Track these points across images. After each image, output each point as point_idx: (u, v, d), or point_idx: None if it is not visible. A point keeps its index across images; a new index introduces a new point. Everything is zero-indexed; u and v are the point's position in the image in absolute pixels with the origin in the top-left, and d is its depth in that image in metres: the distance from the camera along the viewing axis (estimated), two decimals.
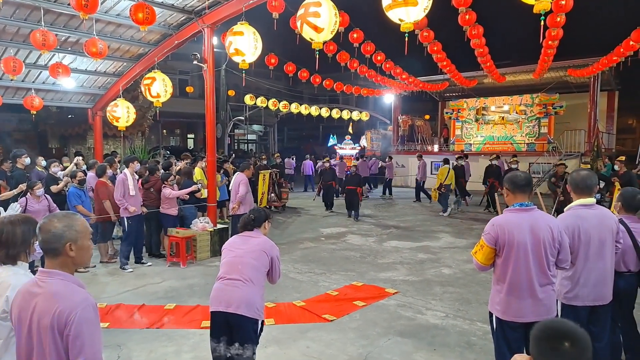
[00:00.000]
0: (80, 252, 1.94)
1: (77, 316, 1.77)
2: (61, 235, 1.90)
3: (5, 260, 2.36)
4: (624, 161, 9.90)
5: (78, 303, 1.81)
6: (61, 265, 1.92)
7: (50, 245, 1.90)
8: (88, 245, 2.00)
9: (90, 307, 1.84)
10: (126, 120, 9.78)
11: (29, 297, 1.90)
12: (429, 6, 5.38)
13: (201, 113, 24.22)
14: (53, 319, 1.78)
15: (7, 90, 10.70)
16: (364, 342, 4.82)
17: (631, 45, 10.45)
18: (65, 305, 1.79)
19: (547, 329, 1.65)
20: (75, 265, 1.97)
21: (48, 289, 1.86)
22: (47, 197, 7.32)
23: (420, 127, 24.80)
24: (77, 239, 1.93)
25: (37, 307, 1.85)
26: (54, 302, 1.80)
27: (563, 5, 6.91)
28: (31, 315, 1.86)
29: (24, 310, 1.89)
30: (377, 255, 8.59)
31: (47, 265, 1.92)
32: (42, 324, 1.81)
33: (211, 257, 8.34)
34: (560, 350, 1.56)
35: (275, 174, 13.83)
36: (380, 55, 11.84)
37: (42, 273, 1.92)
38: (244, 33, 7.19)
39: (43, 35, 7.13)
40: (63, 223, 1.93)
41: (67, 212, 2.08)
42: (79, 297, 1.84)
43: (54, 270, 1.91)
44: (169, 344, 4.83)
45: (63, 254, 1.91)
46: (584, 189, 3.32)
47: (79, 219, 2.00)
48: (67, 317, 1.77)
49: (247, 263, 3.44)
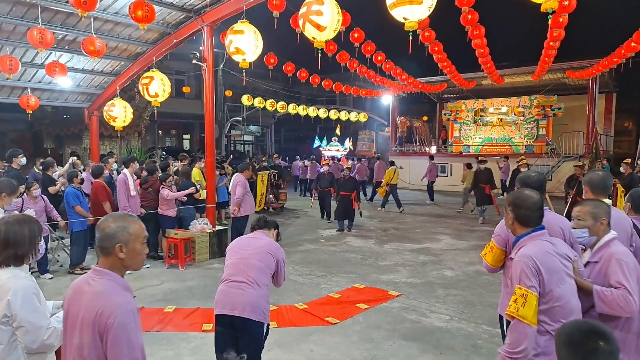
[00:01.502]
0: (130, 255, 1.94)
1: (116, 321, 1.79)
2: (113, 236, 1.92)
3: (14, 261, 2.31)
4: (630, 163, 9.84)
5: (118, 306, 1.83)
6: (111, 265, 1.94)
7: (103, 244, 1.94)
8: (140, 249, 1.99)
9: (130, 312, 1.85)
10: (123, 120, 9.66)
11: (78, 292, 1.95)
12: (433, 5, 5.32)
13: (197, 114, 24.08)
14: (95, 318, 1.82)
15: (2, 89, 10.58)
16: (368, 345, 4.73)
17: (633, 46, 10.44)
18: (106, 307, 1.82)
19: (579, 331, 1.57)
20: (125, 268, 1.98)
21: (95, 287, 1.90)
22: (44, 198, 7.21)
23: (419, 128, 24.77)
24: (128, 242, 1.94)
25: (83, 303, 1.89)
26: (97, 302, 1.84)
27: (566, 5, 6.86)
28: (78, 310, 1.90)
29: (73, 305, 1.95)
30: (378, 257, 8.51)
31: (100, 264, 1.96)
32: (85, 321, 1.85)
33: (210, 259, 8.23)
34: (601, 349, 1.49)
35: (273, 175, 13.74)
36: (380, 56, 11.78)
37: (94, 271, 1.95)
38: (244, 32, 7.10)
39: (40, 33, 7.02)
40: (117, 224, 1.94)
41: (125, 214, 2.09)
42: (121, 300, 1.86)
43: (105, 269, 1.93)
44: (169, 348, 4.72)
45: (113, 254, 1.93)
46: (602, 189, 3.25)
47: (135, 222, 2.00)
48: (107, 319, 1.80)
49: (252, 265, 3.36)
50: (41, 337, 2.23)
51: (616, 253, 2.52)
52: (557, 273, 2.32)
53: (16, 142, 16.14)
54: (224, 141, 24.22)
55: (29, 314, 2.21)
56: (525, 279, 2.28)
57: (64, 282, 6.95)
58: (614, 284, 2.44)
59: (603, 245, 2.61)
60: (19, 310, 2.19)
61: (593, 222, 2.62)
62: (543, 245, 2.39)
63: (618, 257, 2.49)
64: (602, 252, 2.59)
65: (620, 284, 2.41)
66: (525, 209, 2.47)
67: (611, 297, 2.40)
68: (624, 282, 2.40)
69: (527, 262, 2.31)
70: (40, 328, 2.23)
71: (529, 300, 2.23)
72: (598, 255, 2.60)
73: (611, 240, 2.61)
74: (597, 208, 2.65)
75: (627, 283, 2.39)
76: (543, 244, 2.40)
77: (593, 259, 2.62)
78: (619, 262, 2.46)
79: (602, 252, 2.59)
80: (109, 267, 1.94)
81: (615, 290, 2.42)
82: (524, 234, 2.48)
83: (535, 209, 2.47)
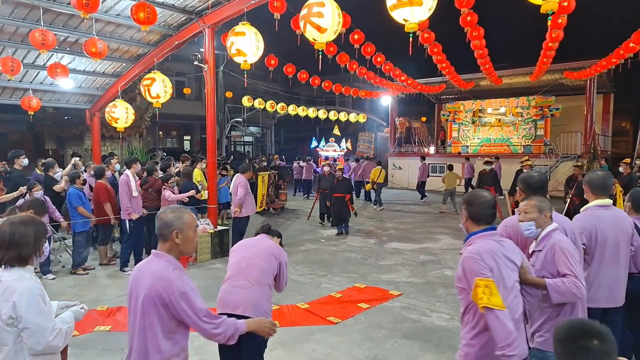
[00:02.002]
0: (185, 241, 2.28)
1: (177, 293, 2.12)
2: (171, 224, 2.25)
3: (16, 262, 2.28)
4: (629, 163, 9.87)
5: (174, 280, 2.15)
6: (168, 249, 2.27)
7: (162, 231, 2.26)
8: (192, 236, 2.33)
9: (185, 283, 2.17)
10: (125, 121, 9.69)
11: (139, 273, 2.28)
12: (433, 6, 5.36)
13: (198, 115, 24.10)
14: (155, 294, 2.13)
15: (4, 90, 10.59)
16: (370, 344, 4.78)
17: (631, 47, 10.50)
18: (165, 284, 2.14)
19: (572, 329, 1.61)
20: (180, 252, 2.31)
21: (152, 268, 2.24)
22: (46, 199, 7.24)
23: (417, 129, 24.84)
24: (183, 229, 2.27)
25: (143, 282, 2.19)
26: (156, 280, 2.15)
27: (565, 6, 6.92)
28: (138, 288, 2.21)
29: (135, 283, 2.25)
30: (378, 256, 8.56)
31: (159, 248, 2.29)
32: (146, 296, 2.16)
33: (212, 258, 8.27)
34: (591, 348, 1.53)
35: (274, 175, 13.79)
36: (380, 57, 11.84)
37: (153, 254, 2.29)
38: (245, 33, 7.15)
39: (42, 35, 7.06)
40: (174, 214, 2.29)
41: (180, 206, 2.43)
42: (174, 276, 2.18)
43: (162, 253, 2.27)
44: None
45: (171, 239, 2.26)
46: (602, 190, 3.29)
47: (188, 213, 2.34)
48: (170, 295, 2.12)
49: (255, 264, 3.39)
50: (46, 339, 2.21)
51: (559, 242, 2.67)
52: (497, 273, 2.36)
53: (17, 143, 16.16)
54: (225, 142, 24.26)
55: (35, 316, 2.19)
56: (481, 271, 2.33)
57: (66, 283, 6.99)
58: (561, 272, 2.59)
59: (546, 235, 2.78)
60: (25, 312, 2.17)
61: (538, 215, 2.78)
62: (490, 244, 2.44)
63: (561, 245, 2.64)
64: (545, 242, 2.75)
65: (569, 271, 2.56)
66: (478, 207, 2.52)
67: (564, 287, 2.55)
68: (572, 268, 2.56)
69: (476, 257, 2.37)
70: (45, 329, 2.21)
71: (493, 288, 2.28)
72: (542, 244, 2.76)
73: (553, 230, 2.78)
74: (541, 202, 2.82)
75: (574, 270, 2.55)
76: (490, 243, 2.45)
77: (537, 248, 2.78)
78: (562, 250, 2.62)
79: (545, 242, 2.75)
80: (166, 250, 2.27)
81: (565, 279, 2.55)
82: (475, 232, 2.52)
83: (486, 208, 2.51)
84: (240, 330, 2.40)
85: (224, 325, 2.31)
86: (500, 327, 2.21)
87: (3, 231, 2.29)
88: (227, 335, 2.31)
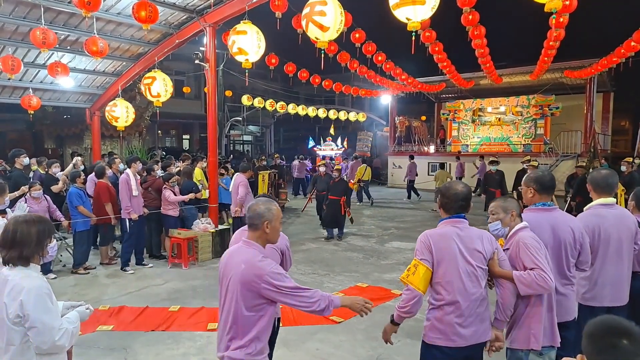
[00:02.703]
0: (273, 231, 2.51)
1: (266, 276, 2.33)
2: (262, 215, 2.47)
3: (18, 261, 2.25)
4: (631, 162, 9.84)
5: (264, 268, 2.36)
6: (257, 237, 2.49)
7: (254, 221, 2.48)
8: (279, 227, 2.56)
9: (273, 269, 2.38)
10: (125, 120, 9.67)
11: (231, 258, 2.50)
12: (436, 5, 5.35)
13: (197, 114, 24.00)
14: (247, 280, 2.35)
15: (4, 89, 10.56)
16: (373, 343, 4.78)
17: (632, 46, 10.50)
18: (256, 272, 2.35)
19: (603, 325, 1.58)
20: (267, 241, 2.53)
21: (245, 256, 2.42)
22: (47, 198, 7.24)
23: (417, 128, 24.84)
24: (272, 220, 2.49)
25: (235, 267, 2.41)
26: (248, 268, 2.37)
27: (567, 5, 6.91)
28: (230, 272, 2.43)
29: (226, 267, 2.49)
30: (379, 256, 8.56)
31: (249, 237, 2.51)
32: (235, 279, 2.38)
33: (213, 258, 8.26)
34: (619, 347, 1.49)
35: (274, 175, 13.77)
36: (381, 56, 11.82)
37: (243, 242, 2.50)
38: (247, 32, 7.13)
39: (43, 34, 7.03)
40: (265, 206, 2.50)
41: (269, 199, 2.64)
42: (263, 264, 2.39)
43: (252, 241, 2.48)
44: (175, 347, 4.76)
45: (261, 229, 2.47)
46: (604, 188, 3.29)
47: (276, 206, 2.56)
48: (260, 279, 2.33)
49: None
50: (53, 338, 2.20)
51: (522, 238, 2.73)
52: (447, 254, 2.60)
53: (16, 142, 16.09)
54: (224, 141, 24.23)
55: (42, 314, 2.18)
56: (419, 252, 2.67)
57: (68, 282, 6.98)
58: (528, 266, 2.64)
59: (513, 233, 2.84)
60: (32, 311, 2.15)
61: (504, 215, 2.87)
62: (446, 229, 2.69)
63: (524, 241, 2.70)
64: (512, 239, 2.80)
65: (534, 265, 2.61)
66: (448, 198, 2.74)
67: (529, 278, 2.59)
68: (536, 262, 2.61)
69: (423, 238, 2.70)
70: (52, 329, 2.20)
71: (418, 270, 2.62)
72: (509, 242, 2.83)
73: (520, 228, 2.82)
74: (506, 202, 2.93)
75: (539, 263, 2.61)
76: (447, 228, 2.70)
77: (506, 246, 2.85)
78: (525, 245, 2.67)
79: (512, 239, 2.80)
80: (255, 239, 2.49)
81: (531, 271, 2.61)
82: (444, 218, 2.78)
83: (455, 200, 2.71)
84: (334, 304, 2.53)
85: (317, 297, 2.45)
86: (406, 299, 2.66)
87: (7, 230, 2.28)
88: (322, 307, 2.45)
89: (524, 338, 2.73)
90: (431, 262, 2.61)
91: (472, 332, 2.60)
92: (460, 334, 2.58)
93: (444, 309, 2.60)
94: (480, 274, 2.63)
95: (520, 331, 2.75)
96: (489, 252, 2.67)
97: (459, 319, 2.58)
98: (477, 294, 2.61)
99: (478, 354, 2.72)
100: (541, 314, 2.70)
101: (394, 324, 2.82)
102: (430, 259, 2.61)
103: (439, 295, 2.63)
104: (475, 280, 2.61)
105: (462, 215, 2.72)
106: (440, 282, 2.61)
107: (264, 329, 2.44)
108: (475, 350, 2.68)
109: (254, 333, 2.40)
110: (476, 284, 2.61)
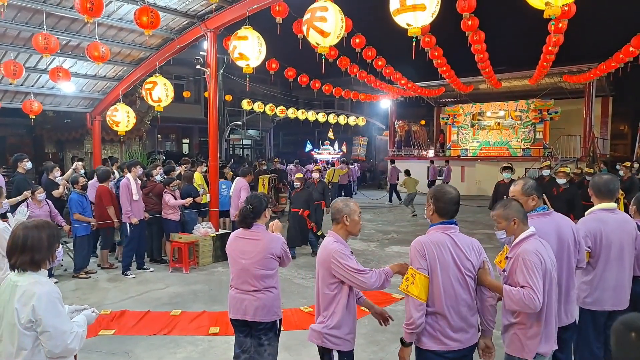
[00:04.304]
0: (352, 223, 2.89)
1: (334, 257, 2.75)
2: (341, 210, 2.89)
3: (29, 266, 2.28)
4: (629, 167, 9.84)
5: (333, 249, 2.78)
6: (339, 229, 2.91)
7: (335, 216, 2.91)
8: (357, 220, 2.91)
9: (340, 251, 2.77)
10: (126, 124, 9.72)
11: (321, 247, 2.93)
12: (436, 11, 5.39)
13: (197, 118, 23.95)
14: (322, 260, 2.86)
15: (5, 94, 10.57)
16: (374, 348, 4.79)
17: (631, 51, 10.56)
18: (327, 253, 2.80)
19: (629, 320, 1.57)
20: (348, 232, 2.91)
21: (324, 242, 2.92)
22: (48, 202, 7.23)
23: (417, 132, 24.90)
24: (350, 214, 2.88)
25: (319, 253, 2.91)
26: (322, 250, 2.87)
27: (566, 11, 6.97)
28: (319, 258, 2.92)
29: (318, 256, 2.93)
30: (380, 260, 8.57)
31: (333, 229, 2.93)
32: (318, 262, 2.93)
33: (213, 262, 8.28)
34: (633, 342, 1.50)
35: (274, 179, 13.79)
36: (380, 60, 11.88)
37: (329, 233, 2.93)
38: (248, 37, 7.19)
39: (45, 39, 7.07)
40: (344, 203, 2.93)
41: (346, 197, 3.09)
42: (336, 247, 2.79)
43: (335, 233, 2.90)
44: (177, 351, 4.76)
45: (341, 222, 2.88)
46: (605, 193, 3.32)
47: (354, 202, 2.96)
48: (328, 259, 2.78)
49: (255, 273, 3.36)
50: (65, 342, 2.23)
51: (523, 252, 2.64)
52: (441, 262, 2.55)
53: (16, 146, 16.08)
54: (224, 145, 24.27)
55: (53, 319, 2.20)
56: (415, 261, 2.60)
57: (69, 287, 6.98)
58: (520, 283, 2.59)
59: (517, 242, 2.74)
60: (44, 315, 2.18)
61: (506, 223, 2.78)
62: (438, 237, 2.61)
63: (524, 256, 2.62)
64: (516, 249, 2.72)
65: (525, 283, 2.56)
66: (444, 202, 2.68)
67: (518, 295, 2.54)
68: (529, 281, 2.54)
69: (417, 246, 2.62)
70: (64, 333, 2.23)
71: (417, 279, 2.55)
72: (513, 251, 2.75)
73: (525, 237, 2.72)
74: (507, 210, 2.81)
75: (531, 282, 2.53)
76: (438, 235, 2.62)
77: (509, 255, 2.78)
78: (524, 261, 2.60)
79: (516, 249, 2.72)
80: (337, 231, 2.91)
81: (522, 289, 2.55)
82: (435, 223, 2.70)
83: (452, 203, 2.68)
84: (389, 274, 2.82)
85: (375, 275, 2.74)
86: (408, 310, 2.59)
87: (17, 235, 2.30)
88: (381, 281, 2.74)
89: (518, 346, 2.71)
90: (427, 269, 2.57)
91: (464, 338, 2.61)
92: (454, 338, 2.58)
93: (435, 316, 2.59)
94: (471, 282, 2.61)
95: (514, 338, 2.74)
96: (479, 262, 2.65)
97: (450, 326, 2.58)
98: (468, 301, 2.61)
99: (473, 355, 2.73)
100: (539, 324, 2.67)
101: (406, 345, 2.69)
102: (426, 266, 2.56)
103: (430, 302, 2.60)
104: (466, 288, 2.60)
105: (453, 221, 2.69)
106: (433, 289, 2.58)
107: (343, 306, 2.80)
108: (471, 351, 2.69)
109: (332, 309, 2.80)
110: (467, 292, 2.60)
